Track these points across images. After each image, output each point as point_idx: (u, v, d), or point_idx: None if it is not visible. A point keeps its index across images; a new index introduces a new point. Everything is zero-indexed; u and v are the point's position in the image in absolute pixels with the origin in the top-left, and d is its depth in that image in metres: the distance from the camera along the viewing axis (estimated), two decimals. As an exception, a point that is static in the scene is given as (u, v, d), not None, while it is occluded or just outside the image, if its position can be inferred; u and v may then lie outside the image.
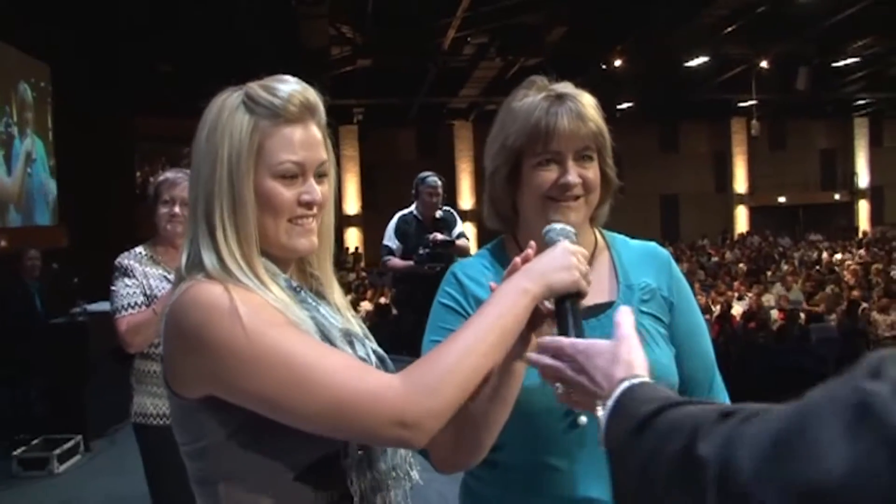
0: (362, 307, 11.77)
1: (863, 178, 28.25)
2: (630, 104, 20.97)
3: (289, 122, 1.17)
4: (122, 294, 2.90)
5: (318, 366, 1.04)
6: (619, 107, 20.57)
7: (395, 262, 5.98)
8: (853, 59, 19.53)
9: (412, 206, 6.04)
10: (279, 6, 11.27)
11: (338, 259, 1.42)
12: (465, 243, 5.89)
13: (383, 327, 8.69)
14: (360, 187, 23.69)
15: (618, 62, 17.32)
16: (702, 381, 1.50)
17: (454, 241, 5.82)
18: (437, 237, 5.75)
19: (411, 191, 6.05)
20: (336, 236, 1.31)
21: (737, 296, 12.36)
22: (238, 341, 1.05)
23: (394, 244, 5.96)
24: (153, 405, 2.91)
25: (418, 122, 23.87)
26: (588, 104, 1.40)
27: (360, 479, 1.16)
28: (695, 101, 22.44)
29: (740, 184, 27.20)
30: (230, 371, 1.06)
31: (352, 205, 23.33)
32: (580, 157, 1.39)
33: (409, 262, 5.83)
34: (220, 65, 9.11)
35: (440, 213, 5.98)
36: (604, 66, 17.30)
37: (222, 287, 1.10)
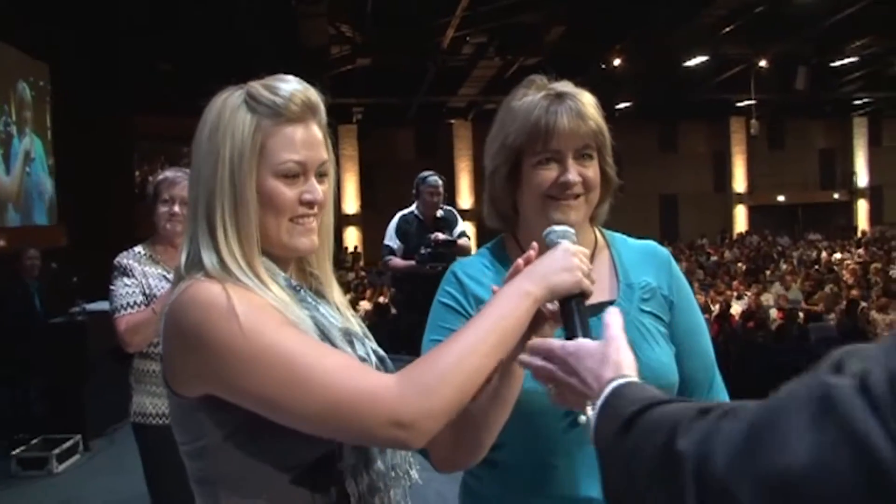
0: (361, 306, 11.76)
1: (862, 178, 28.27)
2: (629, 104, 20.96)
3: (291, 121, 1.16)
4: (122, 293, 2.90)
5: (316, 366, 1.04)
6: (617, 106, 20.57)
7: (397, 262, 5.94)
8: (852, 59, 19.52)
9: (413, 206, 6.01)
10: (278, 5, 11.26)
11: (337, 258, 1.42)
12: (466, 242, 5.86)
13: (382, 327, 8.68)
14: (360, 186, 23.68)
15: (617, 62, 17.33)
16: (702, 381, 1.50)
17: (456, 241, 5.79)
18: (439, 237, 5.72)
19: (411, 190, 6.02)
20: (335, 236, 1.31)
21: (736, 295, 12.35)
22: (236, 340, 1.05)
23: (395, 244, 5.93)
24: (152, 405, 2.91)
25: (417, 122, 23.86)
26: (588, 103, 1.40)
27: (357, 480, 1.16)
28: (694, 101, 22.44)
29: (739, 183, 27.21)
30: (229, 370, 1.06)
31: (351, 204, 23.32)
32: (580, 155, 1.39)
33: (411, 262, 5.80)
34: (219, 64, 9.10)
35: (441, 213, 5.96)
36: (603, 66, 17.31)
37: (221, 286, 1.10)
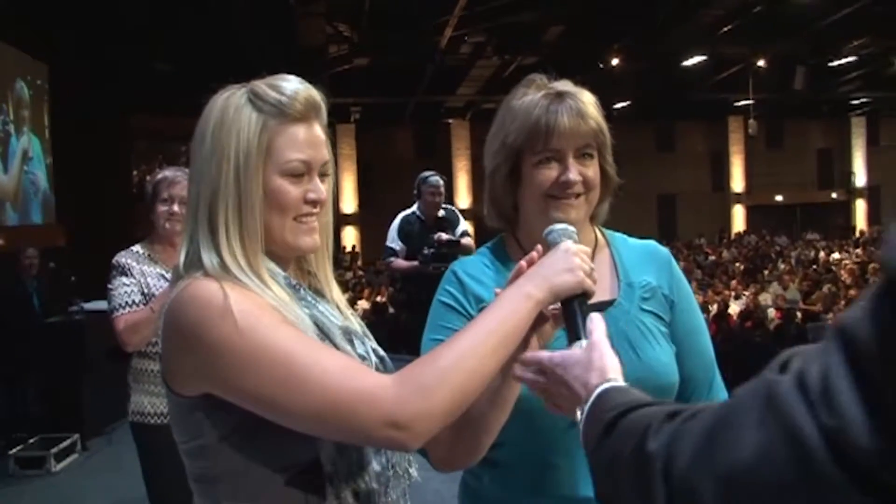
0: (359, 305, 11.75)
1: (860, 178, 28.28)
2: (627, 103, 20.96)
3: (295, 120, 1.16)
4: (120, 293, 2.90)
5: (313, 365, 1.03)
6: (615, 106, 20.55)
7: (400, 263, 5.92)
8: (850, 59, 19.52)
9: (414, 207, 5.99)
10: (276, 5, 11.27)
11: (335, 258, 1.42)
12: (469, 242, 5.84)
13: (380, 326, 8.68)
14: (358, 186, 23.64)
15: (615, 61, 17.33)
16: (702, 381, 1.49)
17: (459, 241, 5.78)
18: (443, 237, 5.71)
19: (411, 190, 6.01)
20: (334, 235, 1.30)
21: (734, 295, 12.35)
22: (234, 339, 1.05)
23: (397, 245, 5.90)
24: (150, 404, 2.90)
25: (415, 121, 23.86)
26: (588, 102, 1.40)
27: (338, 488, 1.14)
28: (692, 101, 22.44)
29: (737, 183, 27.22)
30: (227, 369, 1.05)
31: (349, 203, 23.29)
32: (580, 154, 1.39)
33: (414, 263, 5.78)
34: (217, 63, 9.08)
35: (442, 213, 5.95)
36: (601, 66, 17.30)
37: (220, 285, 1.10)
